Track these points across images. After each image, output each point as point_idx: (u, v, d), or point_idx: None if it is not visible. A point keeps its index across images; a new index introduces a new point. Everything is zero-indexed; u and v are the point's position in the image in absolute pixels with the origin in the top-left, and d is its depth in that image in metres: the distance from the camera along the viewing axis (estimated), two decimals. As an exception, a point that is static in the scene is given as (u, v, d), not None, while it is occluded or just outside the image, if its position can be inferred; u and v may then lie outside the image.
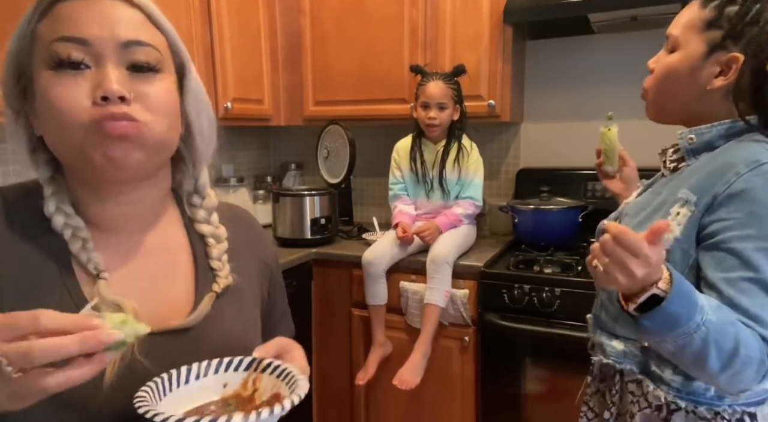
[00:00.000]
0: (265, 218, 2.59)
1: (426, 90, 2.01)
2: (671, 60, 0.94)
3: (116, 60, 0.60)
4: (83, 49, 0.58)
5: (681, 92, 0.94)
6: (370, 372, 2.00)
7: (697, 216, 0.84)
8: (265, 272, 0.82)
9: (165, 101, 0.63)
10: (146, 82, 0.62)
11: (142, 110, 0.60)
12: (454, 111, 2.04)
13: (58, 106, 0.58)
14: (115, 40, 0.59)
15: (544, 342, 1.78)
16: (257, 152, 2.90)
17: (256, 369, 0.63)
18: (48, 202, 0.64)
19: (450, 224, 2.03)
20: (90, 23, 0.59)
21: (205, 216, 0.75)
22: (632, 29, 2.13)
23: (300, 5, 2.40)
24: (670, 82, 0.95)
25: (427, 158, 2.12)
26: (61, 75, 0.58)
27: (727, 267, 0.80)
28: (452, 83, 2.02)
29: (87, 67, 0.59)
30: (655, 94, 0.98)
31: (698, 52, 0.90)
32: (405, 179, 2.18)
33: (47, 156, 0.65)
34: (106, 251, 0.65)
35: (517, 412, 1.88)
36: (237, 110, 2.13)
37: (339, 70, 2.37)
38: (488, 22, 2.09)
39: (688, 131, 0.93)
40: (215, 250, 0.73)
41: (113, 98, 0.58)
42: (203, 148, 0.72)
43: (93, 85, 0.59)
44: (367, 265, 1.98)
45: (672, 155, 0.98)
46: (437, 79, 2.01)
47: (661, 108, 0.99)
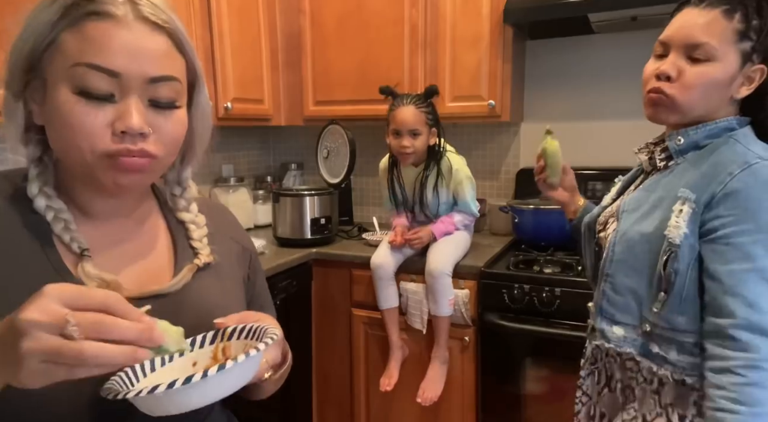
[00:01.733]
0: (265, 218, 2.60)
1: (396, 116, 1.89)
2: (711, 71, 0.93)
3: (140, 94, 0.61)
4: (111, 79, 0.59)
5: (712, 101, 0.96)
6: (393, 376, 1.98)
7: (698, 213, 0.91)
8: (245, 255, 0.85)
9: (179, 135, 0.66)
10: (166, 118, 0.63)
11: (156, 144, 0.63)
12: (431, 135, 1.92)
13: (78, 131, 0.59)
14: (143, 75, 0.60)
15: (544, 342, 1.78)
16: (257, 152, 2.90)
17: (222, 339, 0.63)
18: (31, 184, 0.65)
19: (445, 232, 1.99)
20: (120, 53, 0.59)
21: (185, 205, 0.78)
22: (632, 29, 2.13)
23: (300, 5, 2.40)
24: (707, 91, 0.95)
25: (406, 181, 2.03)
26: (87, 104, 0.59)
27: (728, 260, 0.88)
28: (425, 106, 1.89)
29: (112, 97, 0.60)
30: (683, 102, 0.96)
31: (736, 64, 0.93)
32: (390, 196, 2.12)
33: (39, 136, 0.66)
34: (88, 232, 0.67)
35: (517, 412, 1.88)
36: (237, 110, 2.13)
37: (339, 70, 2.37)
38: (488, 22, 2.09)
39: (676, 133, 1.00)
40: (196, 233, 0.76)
41: (132, 134, 0.60)
42: (199, 149, 0.75)
43: (114, 116, 0.60)
44: (377, 269, 1.96)
45: (660, 155, 1.03)
46: (408, 103, 1.88)
47: (683, 114, 0.97)
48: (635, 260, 0.98)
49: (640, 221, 0.99)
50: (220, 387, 0.52)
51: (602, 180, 2.16)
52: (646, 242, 0.96)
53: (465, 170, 1.98)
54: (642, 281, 0.98)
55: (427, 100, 1.91)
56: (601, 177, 2.15)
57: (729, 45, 0.92)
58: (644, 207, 1.00)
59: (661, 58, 0.99)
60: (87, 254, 0.65)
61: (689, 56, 0.94)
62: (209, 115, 0.74)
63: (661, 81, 0.97)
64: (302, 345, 2.20)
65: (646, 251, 0.96)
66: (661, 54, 0.99)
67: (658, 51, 1.00)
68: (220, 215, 0.85)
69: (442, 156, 1.96)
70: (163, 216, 0.78)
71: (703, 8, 0.94)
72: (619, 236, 1.01)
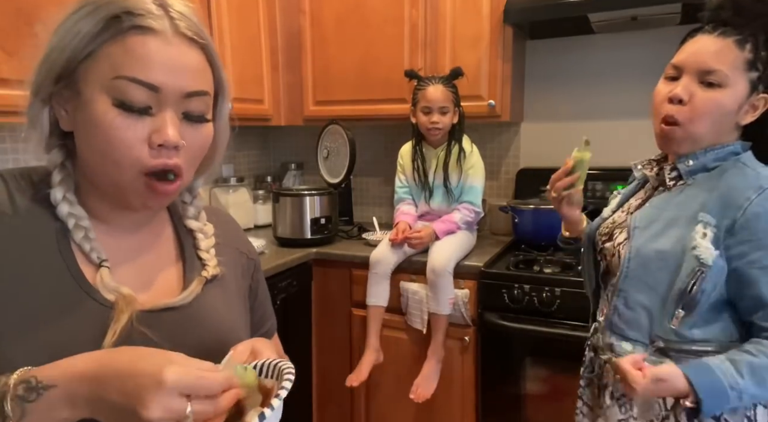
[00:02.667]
0: (265, 218, 2.60)
1: (427, 94, 2.00)
2: (721, 97, 0.96)
3: (175, 107, 0.63)
4: (150, 93, 0.60)
5: (721, 127, 1.00)
6: (363, 375, 1.97)
7: (720, 237, 0.95)
8: (249, 266, 0.85)
9: (205, 148, 0.68)
10: (196, 131, 0.65)
11: (186, 159, 0.65)
12: (454, 114, 2.04)
13: (115, 143, 0.60)
14: (180, 90, 0.62)
15: (544, 342, 1.78)
16: (257, 152, 2.90)
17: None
18: (56, 190, 0.65)
19: (447, 231, 2.01)
20: (162, 68, 0.61)
21: (195, 213, 0.78)
22: (632, 29, 2.12)
23: (300, 5, 2.40)
24: (717, 117, 0.98)
25: (429, 163, 2.12)
26: (125, 115, 0.60)
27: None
28: (451, 86, 2.02)
29: (149, 110, 0.61)
30: (694, 128, 0.99)
31: (744, 92, 0.97)
32: (408, 183, 2.19)
33: (61, 142, 0.66)
34: (105, 241, 0.68)
35: (517, 412, 1.88)
36: (237, 110, 2.11)
37: (339, 70, 2.37)
38: (488, 22, 2.09)
39: (686, 157, 1.03)
40: (203, 243, 0.77)
41: (169, 147, 0.62)
42: (217, 161, 0.76)
43: (151, 129, 0.61)
44: (375, 264, 1.98)
45: (671, 174, 1.06)
46: (437, 82, 2.00)
47: (693, 140, 1.01)
48: (649, 277, 1.01)
49: (655, 238, 1.01)
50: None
51: (602, 180, 2.16)
52: (661, 260, 0.99)
53: (478, 155, 2.09)
54: (656, 298, 1.00)
55: (451, 81, 2.02)
56: (602, 177, 2.15)
57: (739, 73, 0.96)
58: (657, 225, 1.02)
59: (673, 81, 1.02)
60: (106, 265, 0.66)
61: (702, 81, 0.98)
62: (228, 122, 0.75)
63: (673, 104, 1.00)
64: (302, 345, 2.20)
65: (662, 268, 0.99)
66: (673, 77, 1.02)
67: (670, 74, 1.03)
68: (226, 225, 0.85)
69: (462, 135, 2.07)
70: (172, 224, 0.78)
71: (716, 36, 0.97)
72: (634, 253, 1.03)
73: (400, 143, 2.31)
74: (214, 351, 0.69)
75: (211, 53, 0.67)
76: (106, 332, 0.61)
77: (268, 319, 0.90)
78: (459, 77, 2.03)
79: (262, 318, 0.88)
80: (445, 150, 2.07)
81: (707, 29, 0.99)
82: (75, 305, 0.62)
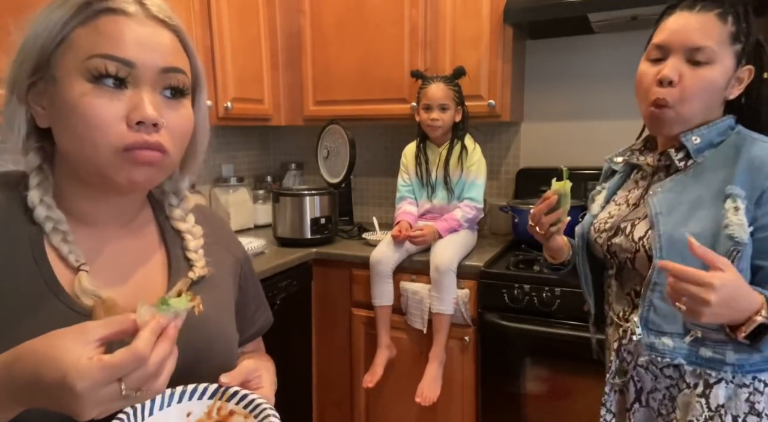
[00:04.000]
0: (265, 218, 2.59)
1: (427, 92, 2.03)
2: (712, 74, 0.94)
3: (152, 84, 0.62)
4: (125, 69, 0.60)
5: (712, 105, 0.98)
6: (377, 374, 1.99)
7: (750, 209, 0.92)
8: (236, 267, 0.84)
9: (187, 130, 0.67)
10: (174, 109, 0.64)
11: (168, 138, 0.63)
12: (456, 112, 2.05)
13: (92, 122, 0.59)
14: (155, 65, 0.62)
15: (544, 342, 1.78)
16: (257, 152, 2.90)
17: (221, 397, 0.63)
18: (32, 193, 0.64)
19: (449, 229, 2.02)
20: (134, 44, 0.61)
21: (182, 215, 0.78)
22: (632, 29, 2.12)
23: (300, 5, 2.40)
24: (708, 95, 0.96)
25: (431, 160, 2.13)
26: (101, 90, 0.59)
27: None
28: (453, 85, 2.04)
29: (126, 88, 0.61)
30: (686, 108, 0.96)
31: (731, 66, 0.96)
32: (412, 181, 2.20)
33: (38, 144, 0.66)
34: (85, 243, 0.67)
35: (517, 412, 1.88)
36: (237, 110, 2.13)
37: (339, 70, 2.37)
38: (488, 22, 2.09)
39: (690, 134, 1.00)
40: (192, 243, 0.76)
41: (148, 124, 0.60)
42: (200, 155, 0.75)
43: (129, 107, 0.60)
44: (376, 264, 1.98)
45: (677, 155, 1.02)
46: (438, 81, 2.04)
47: (686, 121, 0.98)
48: (685, 264, 0.92)
49: (684, 222, 0.96)
50: None
51: (602, 180, 2.16)
52: None
53: (481, 153, 2.11)
54: None
55: (454, 80, 2.05)
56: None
57: (726, 48, 0.94)
58: (682, 208, 0.98)
59: (658, 63, 0.99)
60: (84, 268, 0.64)
61: (689, 60, 0.95)
62: (207, 118, 0.75)
63: (663, 86, 0.96)
64: (302, 345, 2.20)
65: None
66: (658, 58, 0.99)
67: (655, 55, 1.00)
68: (214, 224, 0.84)
69: (465, 133, 2.09)
70: (158, 225, 0.77)
71: (697, 12, 0.95)
72: (666, 241, 0.97)
73: (400, 143, 2.31)
74: (202, 355, 0.69)
75: (184, 38, 0.67)
76: None
77: (261, 314, 0.90)
78: (462, 76, 2.05)
79: (255, 313, 0.88)
80: (448, 148, 2.09)
81: (686, 5, 0.97)
82: (46, 313, 0.60)
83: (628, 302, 1.08)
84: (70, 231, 0.65)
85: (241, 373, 0.68)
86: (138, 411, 0.60)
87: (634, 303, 1.06)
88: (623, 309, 1.09)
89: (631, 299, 1.07)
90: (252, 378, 0.69)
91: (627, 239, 1.04)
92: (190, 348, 0.66)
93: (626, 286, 1.09)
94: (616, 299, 1.12)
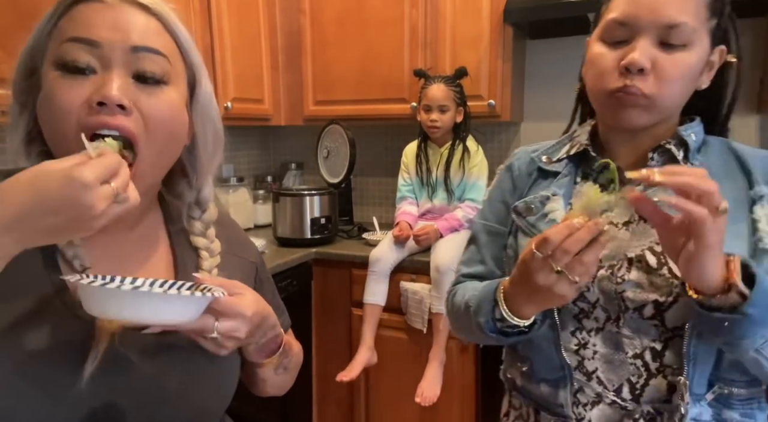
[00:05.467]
0: (265, 218, 2.59)
1: (428, 93, 2.03)
2: (689, 59, 0.73)
3: (123, 66, 0.59)
4: (92, 50, 0.58)
5: (686, 96, 0.78)
6: (354, 372, 1.98)
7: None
8: (251, 271, 0.82)
9: (166, 116, 0.62)
10: (150, 94, 0.60)
11: (141, 125, 0.59)
12: (457, 113, 2.05)
13: (56, 109, 0.57)
14: (124, 44, 0.59)
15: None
16: (257, 152, 2.90)
17: (197, 289, 0.64)
18: None
19: (450, 228, 2.03)
20: (103, 26, 0.58)
21: (202, 229, 0.74)
22: (632, 29, 2.12)
23: (300, 5, 2.40)
24: (685, 85, 0.75)
25: (432, 160, 2.13)
26: (67, 77, 0.58)
27: None
28: (454, 86, 2.03)
29: (93, 72, 0.58)
30: (663, 102, 0.74)
31: (707, 48, 0.75)
32: (412, 181, 2.20)
33: (40, 148, 0.64)
34: (89, 247, 0.65)
35: (517, 412, 1.88)
36: (237, 110, 2.13)
37: (339, 70, 2.37)
38: (488, 22, 2.09)
39: (684, 129, 0.79)
40: (207, 262, 0.73)
41: (111, 105, 0.56)
42: (206, 160, 0.71)
43: (94, 89, 0.57)
44: (375, 262, 1.98)
45: (680, 152, 0.79)
46: (439, 82, 2.04)
47: (658, 114, 0.76)
48: None
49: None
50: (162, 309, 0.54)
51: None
52: None
53: (483, 155, 2.11)
54: None
55: (456, 81, 2.04)
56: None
57: (702, 24, 0.73)
58: None
59: (620, 46, 0.74)
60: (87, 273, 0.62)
61: (662, 41, 0.72)
62: (214, 115, 0.70)
63: (631, 74, 0.72)
64: (302, 344, 2.19)
65: None
66: (620, 40, 0.74)
67: (617, 36, 0.74)
68: (227, 230, 0.80)
69: (468, 134, 2.09)
70: (167, 232, 0.74)
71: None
72: None
73: (400, 143, 2.31)
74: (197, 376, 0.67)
75: (168, 23, 0.63)
76: (86, 349, 0.59)
77: (279, 316, 0.86)
78: (464, 77, 2.05)
79: None
80: (449, 149, 2.08)
81: None
82: (51, 319, 0.59)
83: (633, 371, 0.76)
84: None
85: (219, 279, 0.66)
86: (118, 279, 0.61)
87: (649, 371, 0.75)
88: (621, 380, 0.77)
89: (645, 365, 0.76)
90: (233, 291, 0.65)
91: (662, 278, 0.74)
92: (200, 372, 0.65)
93: (628, 346, 0.76)
94: (605, 367, 0.78)
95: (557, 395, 0.80)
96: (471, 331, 0.85)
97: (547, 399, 0.82)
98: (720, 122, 0.84)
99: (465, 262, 0.97)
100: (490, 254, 0.92)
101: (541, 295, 0.69)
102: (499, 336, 0.79)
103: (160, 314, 0.54)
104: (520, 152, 0.96)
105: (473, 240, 0.97)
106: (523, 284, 0.69)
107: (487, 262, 0.92)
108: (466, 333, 0.92)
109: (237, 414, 0.85)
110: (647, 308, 0.75)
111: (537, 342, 0.80)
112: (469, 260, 0.96)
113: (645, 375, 0.75)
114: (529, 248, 0.67)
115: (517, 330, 0.76)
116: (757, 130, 2.08)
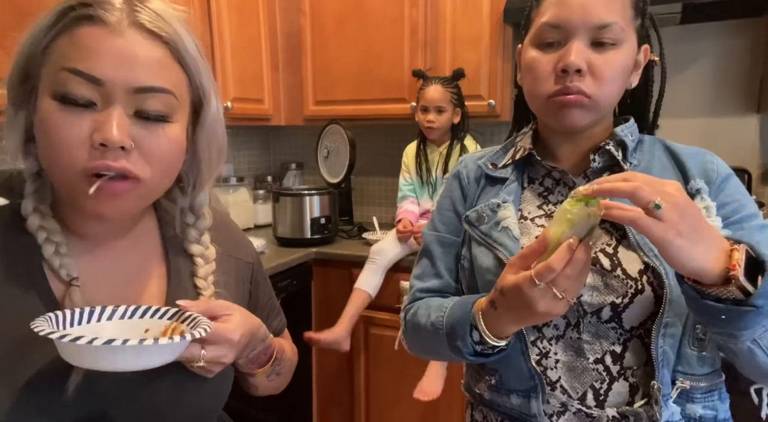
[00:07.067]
0: (265, 218, 2.59)
1: (425, 94, 2.04)
2: (620, 57, 0.74)
3: (125, 103, 0.57)
4: (94, 87, 0.55)
5: (619, 94, 0.79)
6: (322, 340, 1.97)
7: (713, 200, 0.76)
8: (246, 272, 0.81)
9: (168, 153, 0.61)
10: (152, 132, 0.58)
11: (141, 162, 0.58)
12: (454, 114, 2.06)
13: (56, 143, 0.55)
14: (128, 84, 0.56)
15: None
16: (257, 152, 2.90)
17: (179, 319, 0.63)
18: (26, 200, 0.62)
19: None
20: (107, 60, 0.55)
21: (196, 236, 0.73)
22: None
23: (300, 5, 2.40)
24: (620, 83, 0.77)
25: (431, 160, 2.14)
26: (66, 112, 0.55)
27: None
28: (451, 87, 2.04)
29: (93, 106, 0.56)
30: (604, 101, 0.75)
31: (635, 46, 0.77)
32: (413, 181, 2.21)
33: (37, 150, 0.62)
34: (78, 255, 0.64)
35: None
36: (237, 110, 2.13)
37: (339, 70, 2.37)
38: (488, 22, 2.09)
39: (620, 130, 0.80)
40: (202, 270, 0.72)
41: (112, 147, 0.55)
42: (207, 174, 0.70)
43: (93, 128, 0.55)
44: (375, 254, 2.00)
45: (619, 152, 0.80)
46: (436, 83, 2.04)
47: (599, 114, 0.78)
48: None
49: None
50: (138, 358, 0.54)
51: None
52: None
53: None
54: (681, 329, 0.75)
55: (453, 82, 2.05)
56: (601, 177, 2.15)
57: (629, 24, 0.75)
58: None
59: (554, 49, 0.76)
60: (75, 284, 0.61)
61: (594, 42, 0.74)
62: (220, 133, 0.69)
63: (569, 76, 0.73)
64: (302, 345, 2.19)
65: None
66: (553, 42, 0.76)
67: (549, 37, 0.76)
68: (223, 231, 0.79)
69: (465, 135, 2.09)
70: (161, 237, 0.72)
71: None
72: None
73: (400, 143, 2.31)
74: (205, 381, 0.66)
75: (179, 52, 0.60)
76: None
77: (274, 318, 0.87)
78: (461, 78, 2.06)
79: (268, 317, 0.85)
80: (447, 149, 2.09)
81: None
82: None
83: (596, 376, 0.76)
84: (64, 243, 0.62)
85: (204, 303, 0.65)
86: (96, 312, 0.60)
87: (611, 375, 0.75)
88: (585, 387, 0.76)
89: (606, 369, 0.75)
90: (219, 314, 0.64)
91: (617, 279, 0.74)
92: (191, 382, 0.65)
93: (589, 352, 0.76)
94: (568, 375, 0.77)
95: (529, 405, 0.79)
96: (439, 353, 0.83)
97: (519, 411, 0.81)
98: (649, 120, 0.87)
99: (419, 276, 0.95)
100: (445, 266, 0.91)
101: (535, 318, 0.69)
102: (478, 357, 0.78)
103: (139, 363, 0.54)
104: (467, 159, 0.96)
105: (425, 253, 0.94)
106: (517, 310, 0.68)
107: (443, 275, 0.91)
108: (430, 353, 0.92)
109: (237, 414, 0.85)
110: (605, 311, 0.75)
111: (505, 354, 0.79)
112: (423, 274, 0.94)
113: (607, 380, 0.75)
114: (525, 276, 0.64)
115: (497, 349, 0.76)
116: (757, 130, 2.08)
